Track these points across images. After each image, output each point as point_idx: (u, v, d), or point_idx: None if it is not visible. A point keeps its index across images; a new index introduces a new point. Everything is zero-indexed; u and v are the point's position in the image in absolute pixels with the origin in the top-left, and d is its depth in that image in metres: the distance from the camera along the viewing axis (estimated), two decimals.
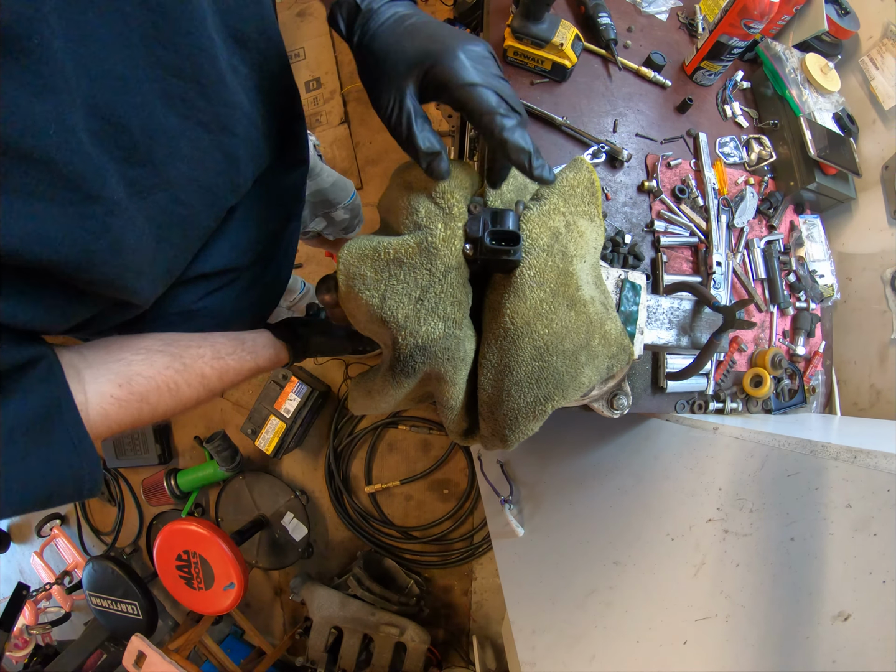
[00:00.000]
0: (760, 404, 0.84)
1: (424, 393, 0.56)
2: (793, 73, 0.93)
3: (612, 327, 0.52)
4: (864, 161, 0.91)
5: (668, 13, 0.99)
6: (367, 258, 0.46)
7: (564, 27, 0.81)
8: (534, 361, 0.48)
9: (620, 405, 0.64)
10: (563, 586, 0.88)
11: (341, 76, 2.26)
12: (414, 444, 1.90)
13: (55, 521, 2.31)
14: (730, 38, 0.84)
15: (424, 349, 0.46)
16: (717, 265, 0.83)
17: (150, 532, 2.14)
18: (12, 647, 1.96)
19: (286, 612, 2.00)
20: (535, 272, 0.47)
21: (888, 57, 0.89)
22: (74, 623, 2.13)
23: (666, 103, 0.91)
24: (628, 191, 0.85)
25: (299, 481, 1.98)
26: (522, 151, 0.42)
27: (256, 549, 1.88)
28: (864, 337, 0.89)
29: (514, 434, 0.50)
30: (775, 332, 0.87)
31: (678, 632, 0.62)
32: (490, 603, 1.82)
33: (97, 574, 1.73)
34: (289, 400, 1.79)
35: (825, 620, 0.47)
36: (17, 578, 2.21)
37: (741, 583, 0.57)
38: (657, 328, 0.62)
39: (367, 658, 1.66)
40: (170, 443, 2.14)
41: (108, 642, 1.85)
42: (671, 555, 0.69)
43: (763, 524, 0.58)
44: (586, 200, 0.53)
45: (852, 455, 0.52)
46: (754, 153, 0.92)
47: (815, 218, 0.94)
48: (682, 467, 0.74)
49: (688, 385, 0.81)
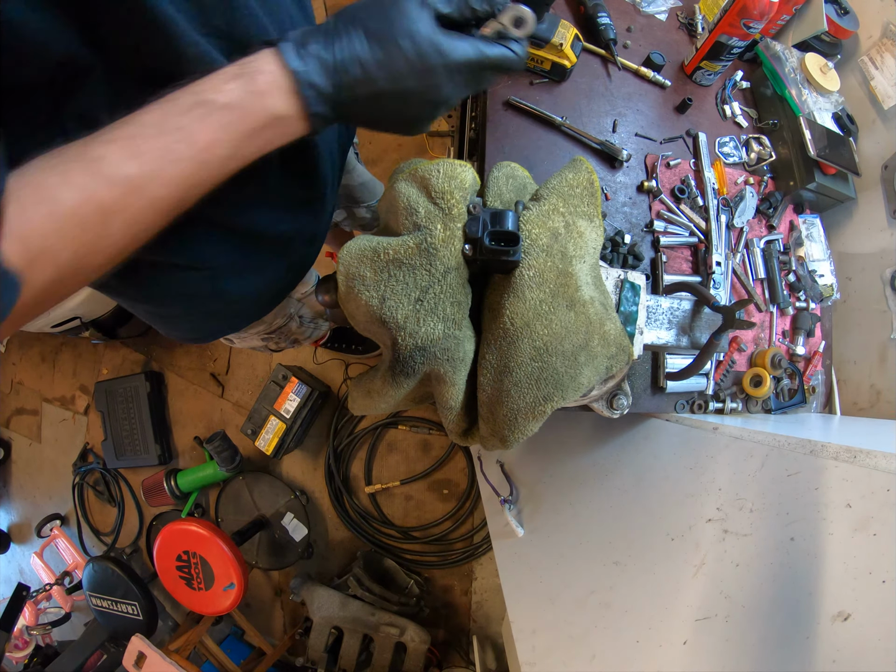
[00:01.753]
0: (760, 404, 0.84)
1: (424, 393, 0.56)
2: (792, 73, 0.93)
3: (611, 328, 0.52)
4: (864, 161, 0.91)
5: (668, 13, 0.99)
6: (366, 259, 0.46)
7: (564, 27, 0.81)
8: (533, 362, 0.48)
9: (620, 405, 0.64)
10: (563, 586, 0.88)
11: None
12: (414, 445, 1.90)
13: (55, 521, 2.31)
14: (729, 37, 0.84)
15: (424, 350, 0.46)
16: (717, 265, 0.83)
17: (150, 532, 2.14)
18: (12, 647, 1.95)
19: (286, 613, 2.00)
20: (535, 273, 0.47)
21: (888, 57, 0.89)
22: (74, 624, 2.13)
23: (665, 103, 0.91)
24: (628, 191, 0.85)
25: (299, 481, 1.98)
26: None
27: (256, 550, 1.87)
28: (863, 337, 0.89)
29: (513, 434, 0.50)
30: (775, 331, 0.87)
31: (678, 632, 0.62)
32: (490, 603, 1.82)
33: (97, 574, 1.73)
34: (289, 400, 1.79)
35: (825, 620, 0.47)
36: (17, 579, 2.21)
37: (741, 583, 0.57)
38: (657, 328, 0.62)
39: (367, 658, 1.66)
40: (170, 443, 2.14)
41: (109, 643, 1.85)
42: (671, 555, 0.69)
43: (763, 524, 0.58)
44: (586, 201, 0.53)
45: (852, 455, 0.52)
46: (754, 153, 0.92)
47: (815, 218, 0.94)
48: (681, 467, 0.74)
49: (687, 385, 0.81)
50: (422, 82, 0.40)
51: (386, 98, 0.41)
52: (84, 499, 2.29)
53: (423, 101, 0.41)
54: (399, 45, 0.38)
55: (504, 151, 0.82)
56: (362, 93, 0.40)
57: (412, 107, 0.42)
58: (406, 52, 0.38)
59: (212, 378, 2.09)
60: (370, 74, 0.39)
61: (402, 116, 0.43)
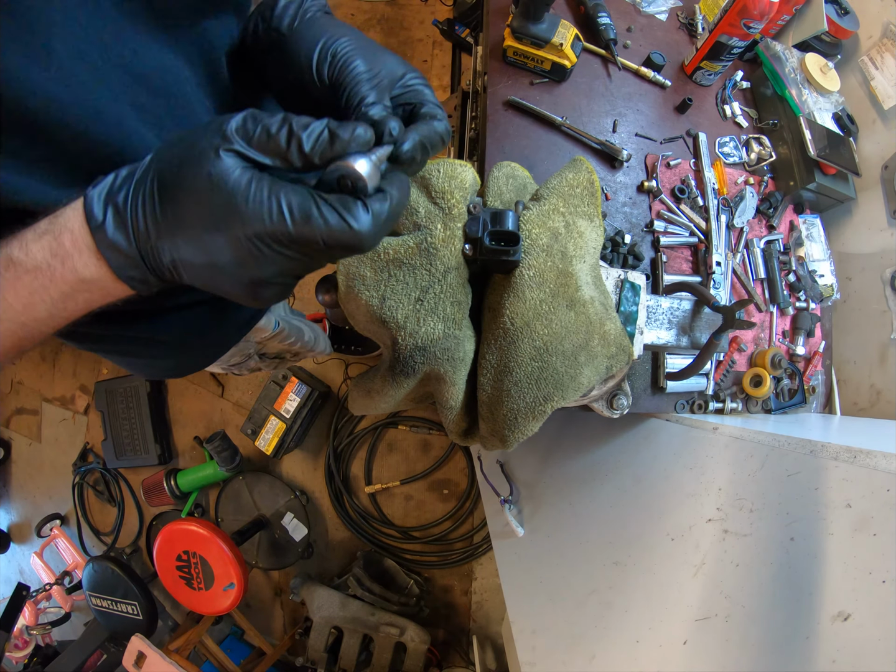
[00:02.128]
0: (760, 404, 0.84)
1: (424, 393, 0.56)
2: (792, 73, 0.93)
3: (611, 327, 0.52)
4: (864, 161, 0.91)
5: (668, 13, 0.99)
6: (366, 258, 0.46)
7: (564, 27, 0.81)
8: (533, 362, 0.48)
9: (620, 405, 0.64)
10: (563, 586, 0.88)
11: None
12: (414, 444, 1.90)
13: (55, 521, 2.31)
14: (729, 37, 0.84)
15: (424, 349, 0.46)
16: (717, 265, 0.83)
17: (150, 532, 2.14)
18: (12, 647, 1.95)
19: (286, 613, 2.00)
20: (535, 272, 0.47)
21: (888, 57, 0.89)
22: (74, 623, 2.13)
23: (665, 103, 0.91)
24: (628, 191, 0.85)
25: (299, 481, 1.98)
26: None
27: (256, 550, 1.87)
28: (863, 337, 0.89)
29: (513, 434, 0.50)
30: (775, 331, 0.87)
31: (678, 632, 0.62)
32: (490, 603, 1.82)
33: (97, 574, 1.73)
34: (289, 400, 1.79)
35: (825, 620, 0.47)
36: (17, 579, 2.21)
37: (741, 583, 0.57)
38: (657, 328, 0.62)
39: (367, 658, 1.66)
40: (170, 443, 2.14)
41: (108, 643, 1.85)
42: (671, 555, 0.69)
43: (763, 524, 0.58)
44: (586, 201, 0.53)
45: (852, 455, 0.52)
46: (754, 153, 0.92)
47: (815, 218, 0.94)
48: (681, 467, 0.74)
49: (687, 385, 0.81)
50: (229, 255, 0.31)
51: (198, 268, 0.32)
52: (84, 499, 2.28)
53: (239, 280, 0.32)
54: (188, 199, 0.30)
55: (504, 151, 0.82)
56: (167, 259, 0.31)
57: (234, 283, 0.33)
58: (195, 209, 0.30)
59: (212, 378, 2.09)
60: (164, 237, 0.30)
61: (233, 289, 0.34)
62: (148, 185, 0.31)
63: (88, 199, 0.32)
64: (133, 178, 0.31)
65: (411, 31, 2.26)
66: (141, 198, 0.31)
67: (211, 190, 0.29)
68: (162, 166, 0.31)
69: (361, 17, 2.32)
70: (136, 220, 0.31)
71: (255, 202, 0.29)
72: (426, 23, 2.22)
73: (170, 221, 0.30)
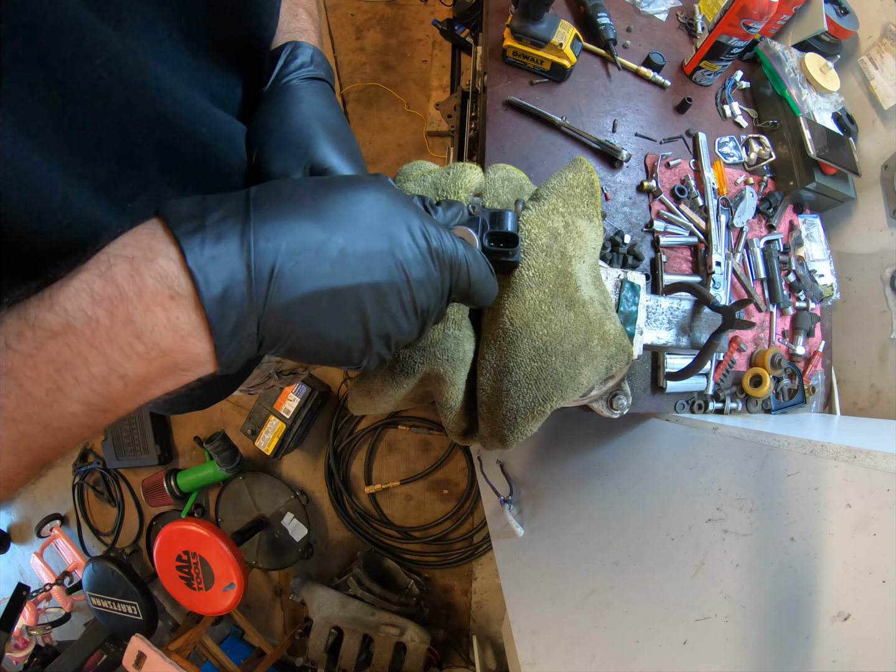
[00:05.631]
0: (760, 404, 0.84)
1: (424, 393, 0.56)
2: (792, 73, 0.93)
3: (610, 327, 0.52)
4: (864, 161, 0.91)
5: (668, 13, 0.99)
6: None
7: (563, 27, 0.81)
8: (532, 362, 0.48)
9: (620, 405, 0.64)
10: (563, 586, 0.88)
11: (340, 76, 2.26)
12: (414, 444, 1.90)
13: (55, 521, 2.31)
14: (729, 37, 0.84)
15: (424, 349, 0.46)
16: (717, 265, 0.83)
17: (150, 532, 2.14)
18: (12, 647, 1.95)
19: (286, 613, 2.00)
20: (534, 273, 0.47)
21: (887, 56, 0.89)
22: (74, 624, 2.13)
23: (665, 103, 0.91)
24: (628, 191, 0.85)
25: (299, 481, 1.98)
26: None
27: (256, 550, 1.88)
28: (863, 337, 0.89)
29: (512, 434, 0.50)
30: (775, 331, 0.87)
31: (678, 632, 0.62)
32: (490, 603, 1.82)
33: (97, 574, 1.73)
34: (288, 400, 1.79)
35: (825, 620, 0.47)
36: (17, 579, 2.21)
37: (741, 583, 0.57)
38: (656, 328, 0.62)
39: (367, 658, 1.66)
40: (170, 443, 2.14)
41: (108, 643, 1.85)
42: (671, 555, 0.69)
43: (763, 524, 0.58)
44: (585, 201, 0.53)
45: (852, 455, 0.52)
46: (753, 153, 0.92)
47: (815, 218, 0.94)
48: (681, 467, 0.74)
49: (687, 385, 0.81)
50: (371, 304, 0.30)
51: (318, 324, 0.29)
52: (84, 499, 2.29)
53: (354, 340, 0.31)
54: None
55: (504, 151, 0.82)
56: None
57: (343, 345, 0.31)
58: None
59: None
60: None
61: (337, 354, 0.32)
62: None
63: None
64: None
65: (411, 31, 2.26)
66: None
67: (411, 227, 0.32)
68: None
69: (361, 18, 2.33)
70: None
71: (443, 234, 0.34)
72: (426, 23, 2.22)
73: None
